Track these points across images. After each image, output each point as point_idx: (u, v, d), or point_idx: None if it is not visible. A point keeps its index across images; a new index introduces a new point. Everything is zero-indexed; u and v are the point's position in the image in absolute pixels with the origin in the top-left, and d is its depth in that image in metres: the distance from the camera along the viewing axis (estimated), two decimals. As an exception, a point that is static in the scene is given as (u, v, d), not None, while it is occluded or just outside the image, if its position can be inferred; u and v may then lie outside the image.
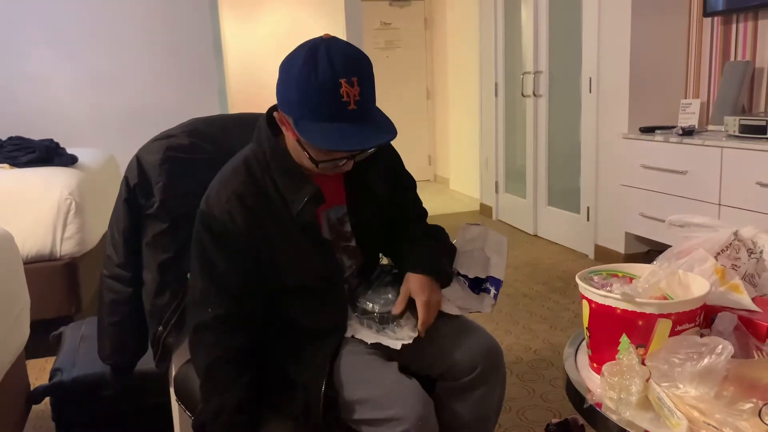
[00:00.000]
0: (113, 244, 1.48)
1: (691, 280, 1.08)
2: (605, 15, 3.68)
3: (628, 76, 3.52)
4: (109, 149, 3.70)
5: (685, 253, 1.19)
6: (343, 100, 1.13)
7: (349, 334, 1.33)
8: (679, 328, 0.98)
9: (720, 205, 2.86)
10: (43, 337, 2.19)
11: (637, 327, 0.99)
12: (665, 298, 1.03)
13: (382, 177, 1.39)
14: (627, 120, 3.56)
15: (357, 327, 1.34)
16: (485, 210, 5.45)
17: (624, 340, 0.99)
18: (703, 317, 1.03)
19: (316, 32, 1.23)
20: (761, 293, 1.17)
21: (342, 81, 1.12)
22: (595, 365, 1.08)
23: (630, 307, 0.99)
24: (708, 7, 3.29)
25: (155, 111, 4.12)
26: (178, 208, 1.43)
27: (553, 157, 4.51)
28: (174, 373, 1.50)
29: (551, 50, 4.38)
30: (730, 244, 1.21)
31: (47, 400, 1.88)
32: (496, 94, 5.08)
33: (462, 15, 6.00)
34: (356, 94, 1.13)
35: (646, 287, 1.03)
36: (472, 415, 1.35)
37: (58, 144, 2.96)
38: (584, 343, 1.14)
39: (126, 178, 1.45)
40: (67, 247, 2.62)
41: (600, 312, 1.04)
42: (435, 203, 6.09)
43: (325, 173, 1.26)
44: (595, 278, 1.12)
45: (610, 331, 1.02)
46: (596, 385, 1.03)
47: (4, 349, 1.66)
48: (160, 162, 1.43)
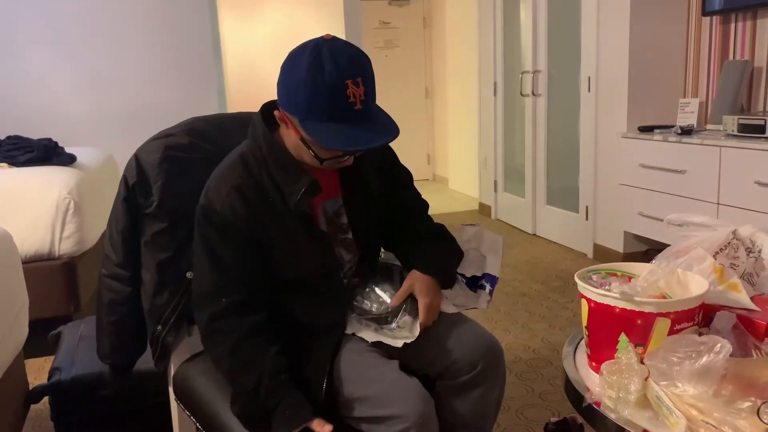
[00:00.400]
0: (112, 244, 1.48)
1: (689, 279, 1.08)
2: (604, 14, 3.68)
3: (627, 75, 3.52)
4: (107, 148, 3.70)
5: (683, 252, 1.19)
6: (349, 100, 1.15)
7: (349, 331, 1.34)
8: (677, 327, 0.99)
9: (718, 204, 2.87)
10: (41, 337, 2.19)
11: (635, 326, 0.99)
12: (664, 297, 1.03)
13: (376, 170, 1.41)
14: (626, 119, 3.56)
15: (357, 326, 1.34)
16: (484, 209, 5.45)
17: (623, 339, 0.99)
18: (701, 316, 1.03)
19: (315, 32, 1.24)
20: (760, 292, 1.18)
21: (348, 82, 1.14)
22: (593, 364, 1.08)
23: (629, 306, 0.99)
24: (707, 7, 3.30)
25: (154, 110, 4.12)
26: (176, 208, 1.43)
27: (552, 156, 4.51)
28: (173, 373, 1.50)
29: (550, 49, 4.39)
30: (729, 243, 1.21)
31: (46, 399, 1.88)
32: (495, 94, 5.08)
33: (461, 14, 6.00)
34: (361, 94, 1.16)
35: (644, 286, 1.03)
36: (472, 414, 1.35)
37: (56, 143, 2.96)
38: (583, 342, 1.14)
39: (125, 178, 1.45)
40: (65, 247, 2.62)
41: (599, 311, 1.04)
42: (434, 202, 6.05)
43: (324, 167, 1.28)
44: (594, 277, 1.12)
45: (609, 330, 1.02)
46: (595, 383, 1.03)
47: (3, 348, 1.65)
48: (159, 161, 1.43)
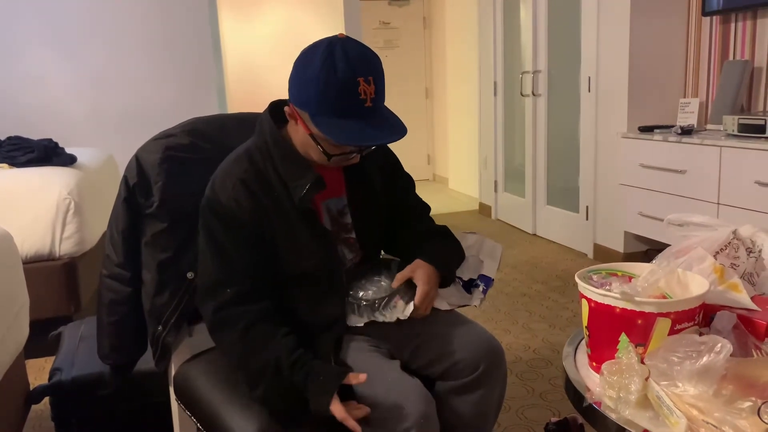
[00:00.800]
0: (112, 244, 1.48)
1: (690, 279, 1.08)
2: (604, 14, 3.68)
3: (627, 75, 3.52)
4: (108, 149, 3.70)
5: (684, 252, 1.19)
6: (360, 98, 1.17)
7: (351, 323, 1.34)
8: (678, 326, 0.99)
9: (719, 204, 2.87)
10: (42, 337, 2.19)
11: (636, 326, 0.99)
12: (664, 297, 1.03)
13: (379, 172, 1.43)
14: (626, 119, 3.57)
15: (351, 317, 1.35)
16: (484, 209, 5.45)
17: (623, 339, 0.99)
18: (702, 316, 1.03)
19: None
20: (760, 292, 1.18)
21: (360, 80, 1.17)
22: (594, 364, 1.08)
23: (629, 306, 0.99)
24: (707, 7, 3.30)
25: (154, 110, 4.12)
26: (177, 208, 1.43)
27: (552, 156, 4.51)
28: (173, 373, 1.50)
29: (550, 50, 4.39)
30: (729, 243, 1.21)
31: (47, 399, 1.88)
32: (495, 94, 5.08)
33: (461, 14, 6.00)
34: (372, 92, 1.18)
35: (645, 286, 1.03)
36: (473, 414, 1.35)
37: (57, 144, 2.96)
38: (583, 342, 1.14)
39: (125, 178, 1.45)
40: (66, 247, 2.62)
41: (599, 311, 1.04)
42: (434, 202, 6.06)
43: (332, 165, 1.30)
44: (595, 277, 1.12)
45: (610, 330, 1.02)
46: (595, 383, 1.03)
47: (4, 348, 1.66)
48: (160, 161, 1.43)
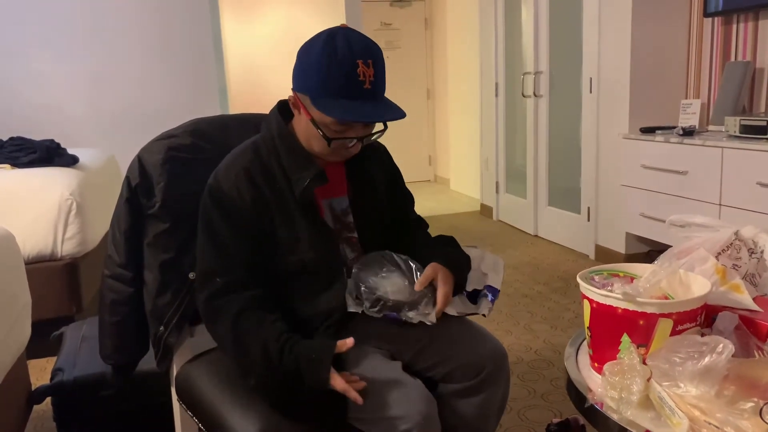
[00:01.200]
0: (114, 244, 1.48)
1: (691, 280, 1.08)
2: (606, 15, 3.68)
3: (629, 76, 3.52)
4: (110, 149, 3.70)
5: (685, 252, 1.19)
6: (359, 79, 1.19)
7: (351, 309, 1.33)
8: (680, 327, 0.99)
9: (720, 205, 2.87)
10: (44, 337, 2.20)
11: (638, 326, 0.99)
12: (666, 298, 1.03)
13: (381, 179, 1.44)
14: (627, 120, 3.57)
15: (350, 303, 1.32)
16: (486, 210, 5.45)
17: (625, 339, 0.99)
18: (704, 317, 1.03)
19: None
20: (762, 293, 1.18)
21: (359, 62, 1.19)
22: (596, 365, 1.08)
23: (631, 307, 0.99)
24: (708, 8, 3.30)
25: (156, 111, 4.13)
26: (179, 208, 1.43)
27: (554, 157, 4.51)
28: (175, 373, 1.50)
29: (552, 50, 4.39)
30: (731, 243, 1.21)
31: (48, 400, 1.88)
32: (497, 95, 5.08)
33: (462, 15, 6.00)
34: (371, 75, 1.20)
35: (647, 287, 1.03)
36: (475, 416, 1.35)
37: (59, 144, 2.96)
38: (585, 343, 1.14)
39: (127, 178, 1.45)
40: (68, 248, 2.62)
41: (601, 311, 1.04)
42: (435, 203, 6.09)
43: (332, 158, 1.30)
44: (596, 278, 1.12)
45: (611, 330, 1.02)
46: (597, 384, 1.03)
47: (5, 349, 1.66)
48: (162, 162, 1.43)
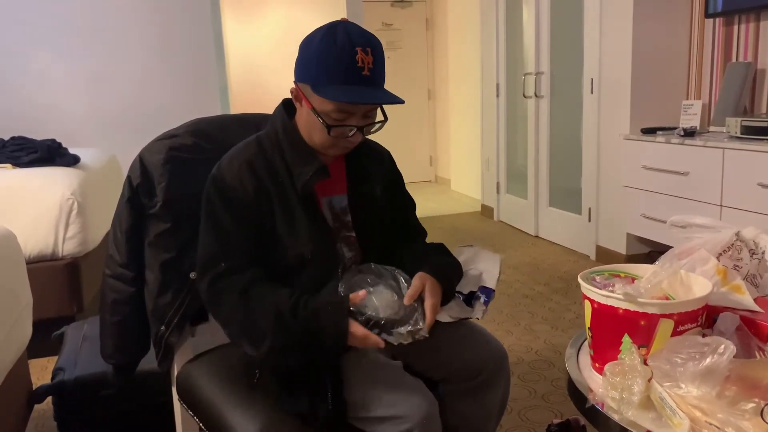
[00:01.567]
0: (115, 244, 1.48)
1: (692, 281, 1.08)
2: (607, 16, 3.68)
3: (630, 77, 3.52)
4: (111, 149, 3.70)
5: (686, 253, 1.19)
6: (358, 65, 1.21)
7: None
8: (681, 328, 0.99)
9: (721, 206, 2.87)
10: (45, 337, 2.20)
11: (639, 327, 0.99)
12: (667, 299, 1.03)
13: (380, 180, 1.44)
14: (628, 121, 3.56)
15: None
16: (486, 211, 5.45)
17: (626, 340, 0.99)
18: (705, 317, 1.03)
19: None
20: (763, 293, 1.17)
21: (358, 49, 1.21)
22: (597, 365, 1.08)
23: (632, 307, 0.99)
24: (709, 8, 3.30)
25: (157, 111, 4.13)
26: (180, 208, 1.43)
27: (555, 157, 4.51)
28: (176, 373, 1.51)
29: (553, 51, 4.39)
30: (732, 244, 1.21)
31: (49, 399, 1.89)
32: (498, 95, 5.08)
33: (463, 16, 6.00)
34: (370, 62, 1.22)
35: (648, 287, 1.03)
36: (475, 417, 1.35)
37: (60, 144, 2.97)
38: (586, 344, 1.14)
39: (129, 178, 1.46)
40: (69, 247, 2.62)
41: (602, 312, 1.04)
42: (436, 204, 6.09)
43: (333, 151, 1.31)
44: (597, 278, 1.12)
45: (612, 331, 1.02)
46: (598, 385, 1.03)
47: (7, 348, 1.66)
48: (163, 162, 1.43)
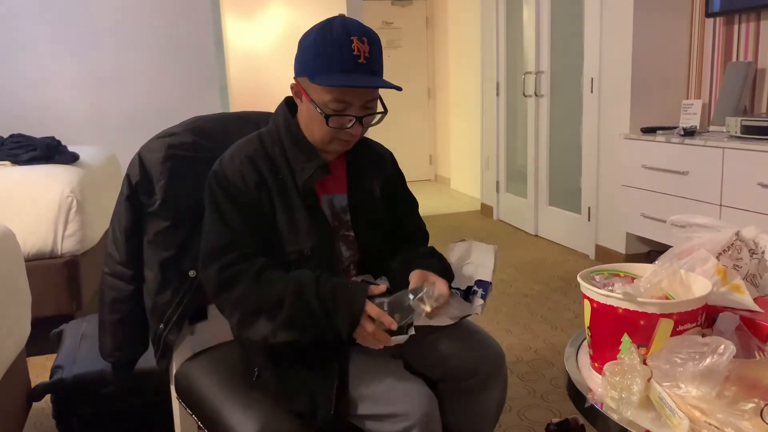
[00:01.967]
0: (114, 242, 1.48)
1: (692, 280, 1.08)
2: (607, 15, 3.68)
3: (630, 76, 3.52)
4: (110, 147, 3.70)
5: (686, 253, 1.19)
6: (354, 53, 1.22)
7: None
8: (680, 327, 0.98)
9: (721, 205, 2.86)
10: (44, 335, 2.19)
11: (638, 327, 0.99)
12: (667, 298, 1.03)
13: (379, 181, 1.44)
14: (628, 120, 3.56)
15: None
16: (486, 210, 5.45)
17: (625, 339, 0.99)
18: (704, 317, 1.03)
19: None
20: (763, 293, 1.17)
21: (353, 38, 1.22)
22: (596, 365, 1.08)
23: (632, 307, 0.99)
24: (710, 8, 3.29)
25: (157, 109, 4.12)
26: (179, 206, 1.43)
27: (555, 157, 4.51)
28: (175, 371, 1.51)
29: (553, 50, 4.38)
30: (732, 244, 1.21)
31: (48, 397, 1.88)
32: (498, 94, 5.08)
33: (464, 14, 6.00)
34: (366, 51, 1.23)
35: (647, 287, 1.03)
36: (473, 416, 1.36)
37: (59, 142, 2.96)
38: (585, 343, 1.14)
39: (128, 176, 1.45)
40: (68, 245, 2.62)
41: (601, 311, 1.04)
42: (436, 203, 6.09)
43: (333, 146, 1.31)
44: (597, 278, 1.12)
45: (612, 330, 1.02)
46: (597, 384, 1.03)
47: (5, 346, 1.66)
48: (162, 160, 1.43)
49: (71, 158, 2.88)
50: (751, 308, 1.08)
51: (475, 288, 1.39)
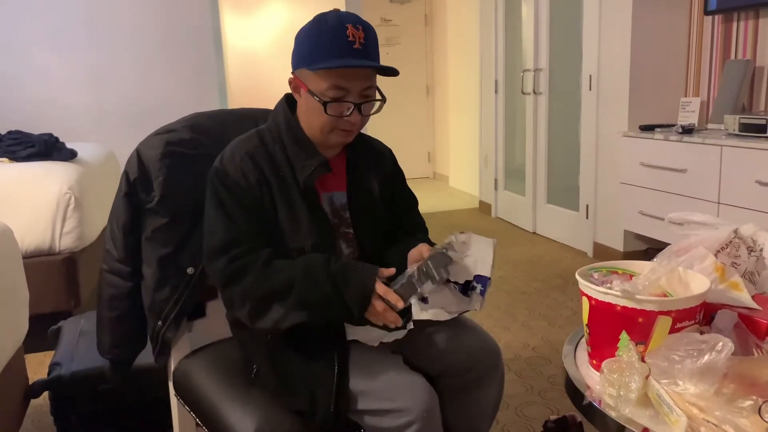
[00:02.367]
0: (113, 239, 1.48)
1: (690, 278, 1.08)
2: (606, 12, 3.67)
3: (629, 74, 3.52)
4: (108, 144, 3.69)
5: (684, 250, 1.19)
6: (349, 39, 1.23)
7: (350, 337, 1.33)
8: (679, 325, 0.98)
9: (719, 203, 2.87)
10: (41, 332, 2.19)
11: (637, 324, 0.99)
12: (665, 296, 1.03)
13: (378, 178, 1.44)
14: (627, 118, 3.56)
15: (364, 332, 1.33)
16: (484, 207, 5.45)
17: (624, 337, 0.99)
18: (702, 315, 1.03)
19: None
20: (761, 291, 1.17)
21: (348, 25, 1.24)
22: (594, 362, 1.08)
23: (630, 304, 0.99)
24: (708, 6, 3.29)
25: (155, 106, 4.12)
26: (178, 203, 1.43)
27: (553, 154, 4.51)
28: (173, 368, 1.50)
29: (552, 48, 4.38)
30: (730, 241, 1.21)
31: (46, 394, 1.89)
32: (496, 92, 5.08)
33: (462, 12, 5.99)
34: (361, 37, 1.25)
35: (646, 284, 1.03)
36: (470, 412, 1.36)
37: (57, 138, 2.95)
38: (583, 340, 1.14)
39: (126, 173, 1.45)
40: (66, 242, 2.62)
41: (600, 309, 1.04)
42: (434, 200, 6.09)
43: (333, 138, 1.31)
44: (595, 275, 1.12)
45: (610, 327, 1.02)
46: (595, 381, 1.03)
47: (3, 343, 1.65)
48: (161, 156, 1.43)
49: (69, 155, 2.87)
50: (749, 305, 1.08)
51: (474, 283, 1.39)
